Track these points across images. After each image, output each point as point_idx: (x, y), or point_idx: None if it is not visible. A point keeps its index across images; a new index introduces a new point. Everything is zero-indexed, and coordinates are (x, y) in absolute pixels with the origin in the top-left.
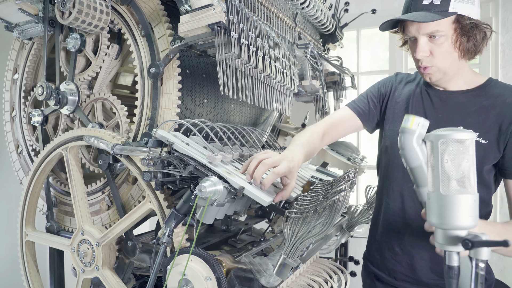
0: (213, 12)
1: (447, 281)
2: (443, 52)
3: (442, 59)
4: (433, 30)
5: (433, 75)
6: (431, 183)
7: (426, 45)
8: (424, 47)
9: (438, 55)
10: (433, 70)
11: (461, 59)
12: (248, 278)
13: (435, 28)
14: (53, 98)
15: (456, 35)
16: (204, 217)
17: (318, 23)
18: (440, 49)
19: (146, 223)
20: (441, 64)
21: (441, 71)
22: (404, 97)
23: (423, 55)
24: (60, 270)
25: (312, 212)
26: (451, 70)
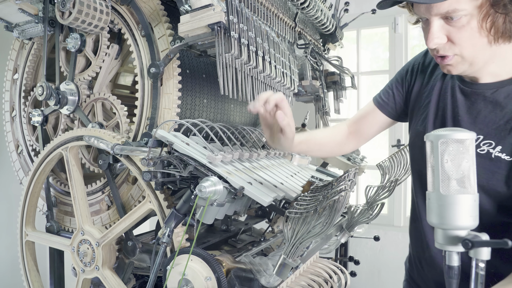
0: (213, 12)
1: (447, 281)
2: (467, 38)
3: (466, 46)
4: (449, 10)
5: (455, 66)
6: (431, 183)
7: (441, 29)
8: (438, 33)
9: (460, 41)
10: (454, 60)
11: (496, 43)
12: (248, 278)
13: (453, 6)
14: (53, 98)
15: (484, 13)
16: (204, 217)
17: (318, 23)
18: (462, 33)
19: (146, 223)
20: (465, 53)
21: (466, 61)
22: (430, 88)
23: (438, 43)
24: (60, 270)
25: (312, 212)
26: (481, 59)
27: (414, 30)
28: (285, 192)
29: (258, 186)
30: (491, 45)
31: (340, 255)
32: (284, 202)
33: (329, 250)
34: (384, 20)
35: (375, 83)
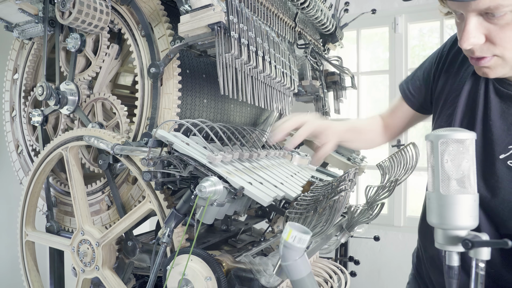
0: (213, 12)
1: (447, 281)
2: (510, 38)
3: (510, 47)
4: (491, 6)
5: (493, 69)
6: (431, 183)
7: (479, 27)
8: (474, 32)
9: (502, 41)
10: (493, 62)
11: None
12: (248, 278)
13: (496, 2)
14: (53, 98)
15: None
16: (204, 217)
17: (318, 23)
18: (506, 32)
19: (146, 223)
20: (508, 54)
21: (507, 64)
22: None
23: (474, 43)
24: (60, 270)
25: (312, 212)
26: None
27: (414, 30)
28: (285, 192)
29: (258, 186)
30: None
31: (340, 255)
32: (284, 202)
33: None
34: (384, 20)
35: (375, 83)
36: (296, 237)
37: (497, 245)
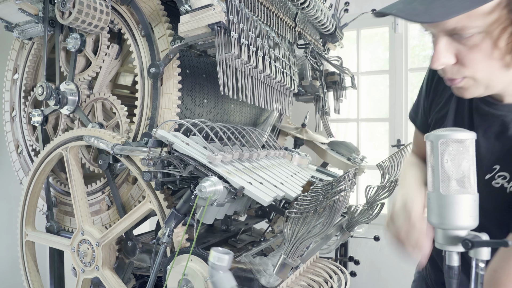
0: (213, 12)
1: (447, 281)
2: (480, 59)
3: (479, 69)
4: (457, 27)
5: (467, 90)
6: (431, 183)
7: (449, 48)
8: (444, 52)
9: (471, 63)
10: (465, 83)
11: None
12: (248, 278)
13: (461, 23)
14: (53, 98)
15: (502, 30)
16: (204, 217)
17: (318, 23)
18: (474, 54)
19: (146, 223)
20: (479, 76)
21: (480, 85)
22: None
23: (444, 63)
24: (60, 270)
25: (312, 212)
26: (499, 82)
27: (414, 30)
28: (285, 192)
29: (258, 186)
30: (510, 68)
31: (340, 255)
32: (284, 202)
33: (329, 250)
34: (384, 20)
35: (375, 83)
36: (217, 257)
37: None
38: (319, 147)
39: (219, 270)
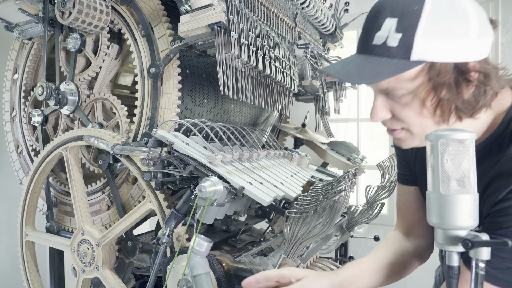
0: (213, 12)
1: (447, 281)
2: (412, 116)
3: (413, 124)
4: (388, 87)
5: (404, 141)
6: (431, 183)
7: (385, 104)
8: (380, 108)
9: (405, 119)
10: (403, 134)
11: (446, 123)
12: None
13: (392, 84)
14: (53, 98)
15: (427, 91)
16: (204, 217)
17: (318, 23)
18: (406, 111)
19: (146, 223)
20: (414, 130)
21: (416, 138)
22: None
23: (381, 118)
24: (60, 270)
25: (312, 212)
26: None
27: None
28: (285, 192)
29: (258, 186)
30: (440, 124)
31: (340, 255)
32: (284, 202)
33: (329, 250)
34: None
35: None
36: (197, 242)
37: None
38: (319, 147)
39: (198, 255)
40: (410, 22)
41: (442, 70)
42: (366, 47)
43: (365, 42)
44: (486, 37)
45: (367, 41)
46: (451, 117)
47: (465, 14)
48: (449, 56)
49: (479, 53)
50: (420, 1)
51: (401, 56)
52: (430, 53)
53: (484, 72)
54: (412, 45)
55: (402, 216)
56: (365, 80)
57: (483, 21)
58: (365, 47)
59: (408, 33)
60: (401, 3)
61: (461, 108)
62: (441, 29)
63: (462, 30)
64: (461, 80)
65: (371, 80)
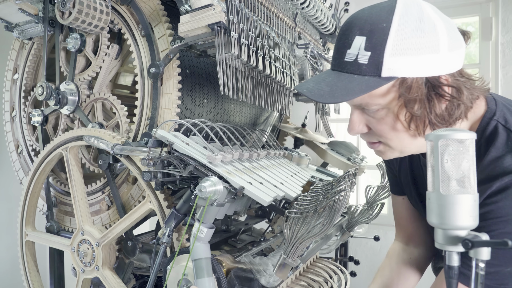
0: (213, 12)
1: (447, 281)
2: (387, 130)
3: (390, 138)
4: (362, 103)
5: (384, 153)
6: (431, 183)
7: (361, 118)
8: (357, 123)
9: (381, 133)
10: (382, 148)
11: (421, 136)
12: (248, 278)
13: (365, 100)
14: (53, 98)
15: (400, 106)
16: (204, 217)
17: (318, 23)
18: (382, 125)
19: (146, 223)
20: (391, 144)
21: (394, 150)
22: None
23: (358, 132)
24: (60, 270)
25: (312, 212)
26: (411, 148)
27: None
28: (285, 192)
29: (258, 186)
30: (417, 137)
31: (340, 255)
32: (284, 202)
33: (329, 250)
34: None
35: None
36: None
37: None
38: (319, 147)
39: (199, 240)
40: (378, 40)
41: (413, 85)
42: (339, 64)
43: (338, 59)
44: (457, 50)
45: (340, 58)
46: (426, 131)
47: (433, 29)
48: (419, 71)
49: (450, 66)
50: (388, 18)
51: (371, 73)
52: (400, 69)
53: (457, 87)
54: (381, 62)
55: (399, 225)
56: (336, 99)
57: (453, 34)
58: (338, 64)
59: (377, 51)
60: (369, 21)
61: (435, 122)
62: (410, 45)
63: (431, 45)
64: (433, 94)
65: (341, 99)
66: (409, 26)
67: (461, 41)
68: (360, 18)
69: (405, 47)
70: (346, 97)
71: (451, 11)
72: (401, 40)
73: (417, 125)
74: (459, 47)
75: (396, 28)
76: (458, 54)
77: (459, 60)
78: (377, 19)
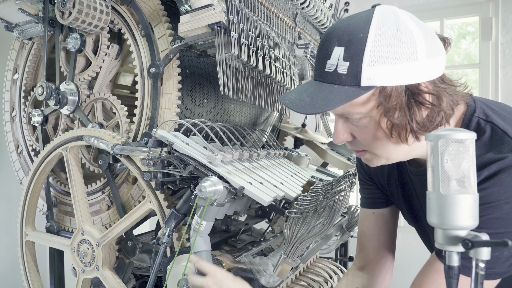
0: (213, 12)
1: (447, 281)
2: (371, 138)
3: (375, 146)
4: (344, 112)
5: (371, 161)
6: (431, 183)
7: (345, 127)
8: (342, 131)
9: (365, 141)
10: (368, 156)
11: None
12: (248, 278)
13: (347, 109)
14: (53, 98)
15: (381, 114)
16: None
17: (318, 23)
18: (365, 134)
19: (146, 223)
20: (377, 151)
21: (381, 158)
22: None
23: (343, 140)
24: (60, 270)
25: (312, 212)
26: (397, 155)
27: None
28: (285, 192)
29: (258, 186)
30: (400, 145)
31: (340, 255)
32: (284, 202)
33: (329, 250)
34: None
35: None
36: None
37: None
38: (319, 147)
39: (200, 234)
40: (356, 50)
41: (393, 93)
42: (320, 74)
43: (319, 69)
44: (436, 57)
45: (321, 69)
46: (409, 138)
47: (411, 37)
48: (398, 80)
49: (430, 73)
50: (365, 29)
51: (351, 83)
52: (379, 78)
53: (437, 94)
54: (360, 72)
55: (359, 245)
56: (317, 110)
57: (432, 41)
58: (320, 74)
59: (355, 61)
60: (347, 32)
61: (416, 129)
62: (388, 54)
63: (409, 53)
64: (413, 102)
65: (322, 109)
66: (386, 35)
67: (441, 48)
68: (338, 28)
69: (383, 56)
70: (326, 107)
71: (451, 11)
72: (378, 49)
73: (399, 132)
74: (438, 54)
75: (373, 38)
76: (437, 61)
77: (439, 66)
78: (354, 30)
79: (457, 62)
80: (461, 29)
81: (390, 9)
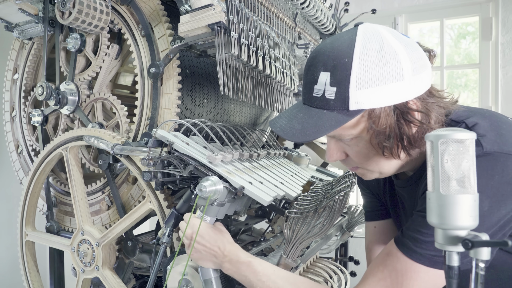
0: (213, 12)
1: (447, 281)
2: (364, 156)
3: (368, 163)
4: (335, 134)
5: (365, 175)
6: (431, 183)
7: (338, 147)
8: (335, 151)
9: (358, 159)
10: (361, 171)
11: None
12: None
13: (338, 132)
14: (53, 98)
15: (372, 135)
16: None
17: (318, 23)
18: (357, 153)
19: (146, 223)
20: (369, 167)
21: (373, 172)
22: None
23: (336, 159)
24: (60, 270)
25: (312, 212)
26: (389, 169)
27: (414, 30)
28: (285, 192)
29: (258, 186)
30: (391, 160)
31: (340, 255)
32: (284, 202)
33: (329, 250)
34: (384, 20)
35: None
36: None
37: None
38: (319, 147)
39: None
40: (342, 75)
41: (382, 114)
42: (308, 98)
43: (307, 93)
44: (422, 72)
45: (308, 93)
46: (401, 154)
47: (395, 57)
48: (386, 101)
49: (417, 89)
50: (349, 53)
51: (339, 108)
52: (367, 101)
53: (425, 112)
54: (348, 97)
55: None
56: (308, 137)
57: (417, 56)
58: (308, 98)
59: (342, 86)
60: (331, 57)
61: (407, 145)
62: (374, 76)
63: (394, 73)
64: (402, 121)
65: (313, 136)
66: (371, 58)
67: (426, 62)
68: (322, 53)
69: (369, 79)
70: (317, 135)
71: (451, 11)
72: (364, 73)
73: (390, 150)
74: (424, 69)
75: (358, 63)
76: (423, 76)
77: (426, 81)
78: (338, 54)
79: (457, 62)
80: (461, 29)
81: (372, 29)
